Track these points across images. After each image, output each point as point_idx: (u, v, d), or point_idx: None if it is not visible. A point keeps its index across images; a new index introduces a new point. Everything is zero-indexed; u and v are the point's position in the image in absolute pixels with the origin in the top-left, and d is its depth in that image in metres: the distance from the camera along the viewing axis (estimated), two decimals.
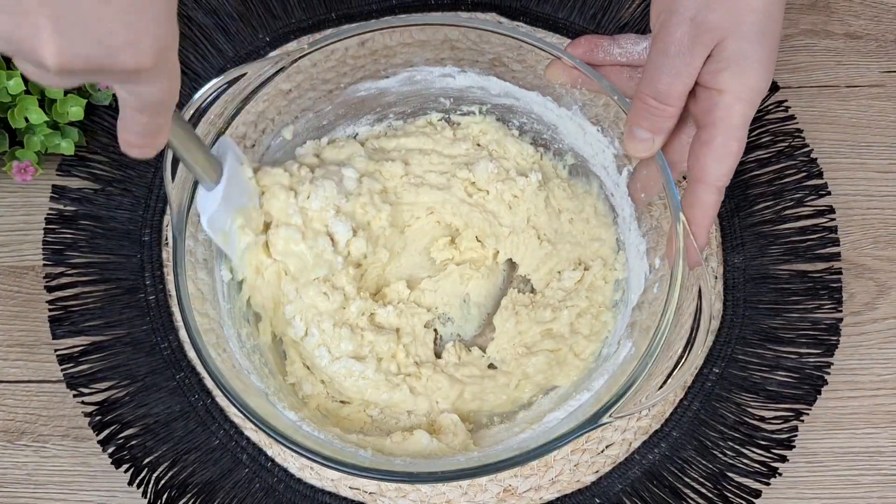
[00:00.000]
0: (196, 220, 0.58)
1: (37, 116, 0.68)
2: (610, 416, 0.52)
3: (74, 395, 0.68)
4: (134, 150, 0.48)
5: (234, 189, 0.58)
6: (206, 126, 0.57)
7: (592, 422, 0.53)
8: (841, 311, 0.70)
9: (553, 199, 0.70)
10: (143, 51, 0.41)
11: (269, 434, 0.53)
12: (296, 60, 0.60)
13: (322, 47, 0.60)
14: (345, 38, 0.60)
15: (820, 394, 0.68)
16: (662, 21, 0.55)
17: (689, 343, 0.53)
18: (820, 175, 0.74)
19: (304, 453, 0.53)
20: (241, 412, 0.54)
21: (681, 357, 0.53)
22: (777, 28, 0.55)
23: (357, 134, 0.71)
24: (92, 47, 0.40)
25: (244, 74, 0.58)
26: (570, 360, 0.66)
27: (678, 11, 0.54)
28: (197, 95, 0.56)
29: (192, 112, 0.56)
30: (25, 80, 0.68)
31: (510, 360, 0.67)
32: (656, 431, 0.68)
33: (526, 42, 0.61)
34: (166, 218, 0.72)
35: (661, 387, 0.53)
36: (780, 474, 0.67)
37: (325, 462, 0.53)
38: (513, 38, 0.61)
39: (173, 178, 0.57)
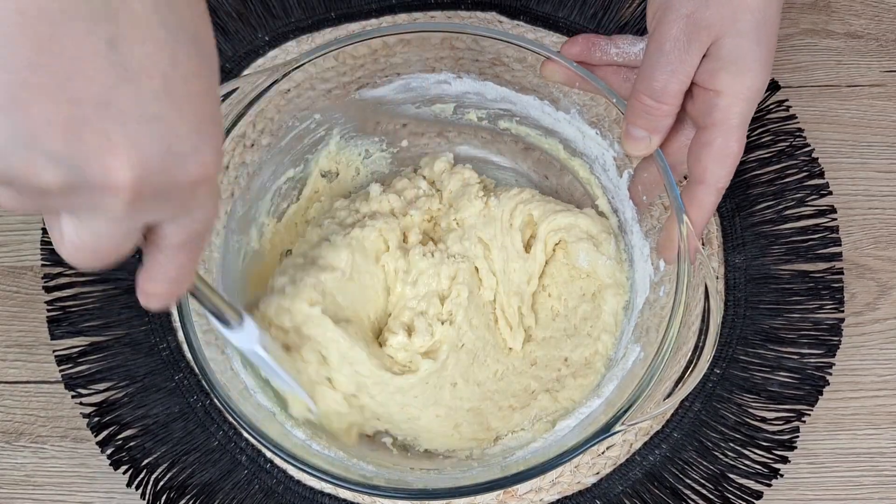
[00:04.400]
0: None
1: None
2: (622, 423, 0.51)
3: (73, 396, 0.68)
4: (160, 300, 0.40)
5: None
6: None
7: (605, 430, 0.52)
8: (842, 311, 0.70)
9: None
10: (208, 157, 0.35)
11: (283, 457, 0.52)
12: (289, 72, 0.59)
13: (318, 57, 0.59)
14: (343, 46, 0.60)
15: (821, 394, 0.68)
16: (658, 18, 0.55)
17: (700, 346, 0.52)
18: (821, 175, 0.74)
19: (318, 474, 0.52)
20: (255, 437, 0.52)
21: (691, 359, 0.52)
22: (774, 27, 0.54)
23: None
24: (165, 156, 0.33)
25: (236, 89, 0.57)
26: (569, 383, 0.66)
27: (674, 8, 0.54)
28: None
29: None
30: None
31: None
32: (657, 432, 0.68)
33: (518, 45, 0.60)
34: None
35: (671, 393, 0.52)
36: (781, 475, 0.66)
37: (339, 482, 0.51)
38: (506, 41, 0.61)
39: None
